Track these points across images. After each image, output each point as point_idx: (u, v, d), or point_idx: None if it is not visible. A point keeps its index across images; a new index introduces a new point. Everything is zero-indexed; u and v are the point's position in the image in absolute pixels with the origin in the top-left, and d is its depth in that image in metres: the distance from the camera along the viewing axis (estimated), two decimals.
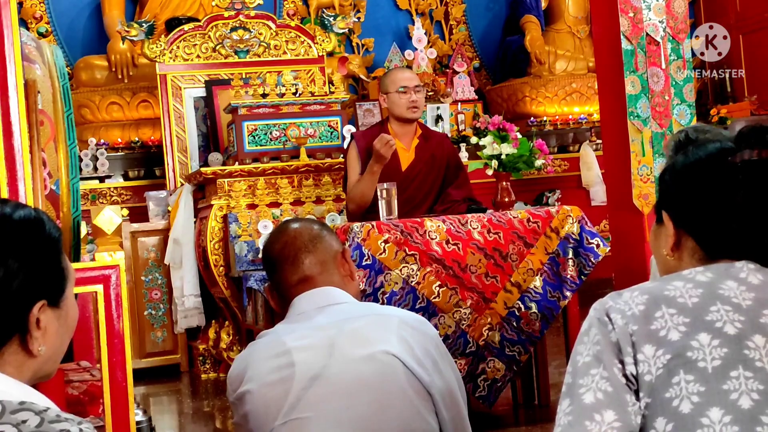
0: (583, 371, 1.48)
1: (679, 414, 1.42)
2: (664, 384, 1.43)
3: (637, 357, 1.45)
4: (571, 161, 8.46)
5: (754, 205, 1.52)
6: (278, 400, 2.13)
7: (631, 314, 1.48)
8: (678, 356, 1.44)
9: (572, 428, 1.45)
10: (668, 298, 1.49)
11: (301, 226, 2.40)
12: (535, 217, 4.31)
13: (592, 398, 1.45)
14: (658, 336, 1.46)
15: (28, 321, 1.35)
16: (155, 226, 6.69)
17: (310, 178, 5.87)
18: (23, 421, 1.24)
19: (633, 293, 1.52)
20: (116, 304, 2.13)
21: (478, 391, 4.19)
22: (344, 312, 2.26)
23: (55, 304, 1.40)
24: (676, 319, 1.47)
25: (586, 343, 1.50)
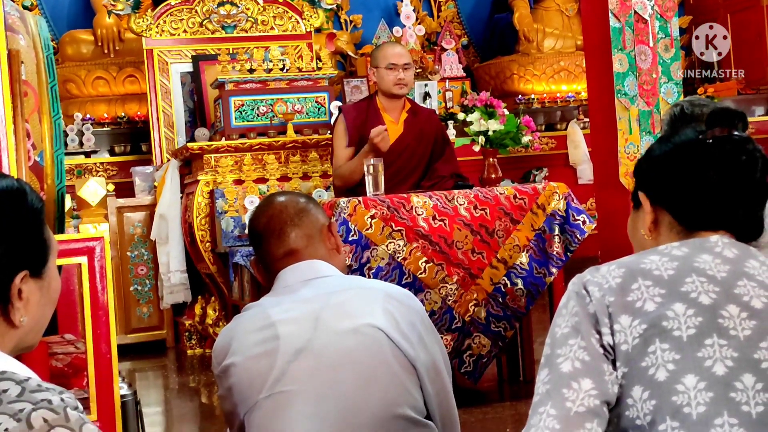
0: (561, 342, 1.52)
1: (655, 382, 1.45)
2: (640, 353, 1.47)
3: (613, 327, 1.49)
4: (559, 139, 8.46)
5: (726, 179, 1.58)
6: (263, 373, 2.12)
7: (608, 287, 1.52)
8: (654, 326, 1.47)
9: (550, 397, 1.47)
10: (644, 271, 1.53)
11: (287, 199, 2.39)
12: (522, 194, 4.31)
13: (569, 367, 1.48)
14: (634, 307, 1.49)
15: (10, 291, 1.34)
16: (141, 201, 6.68)
17: (297, 154, 5.85)
18: (4, 390, 1.23)
19: (610, 267, 1.55)
20: (100, 276, 2.12)
21: (463, 367, 4.20)
22: (330, 285, 2.25)
23: (37, 275, 1.39)
24: (652, 290, 1.50)
25: (564, 316, 1.54)
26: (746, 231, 1.61)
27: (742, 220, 1.60)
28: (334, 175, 4.83)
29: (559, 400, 1.46)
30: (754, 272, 1.53)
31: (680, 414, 1.43)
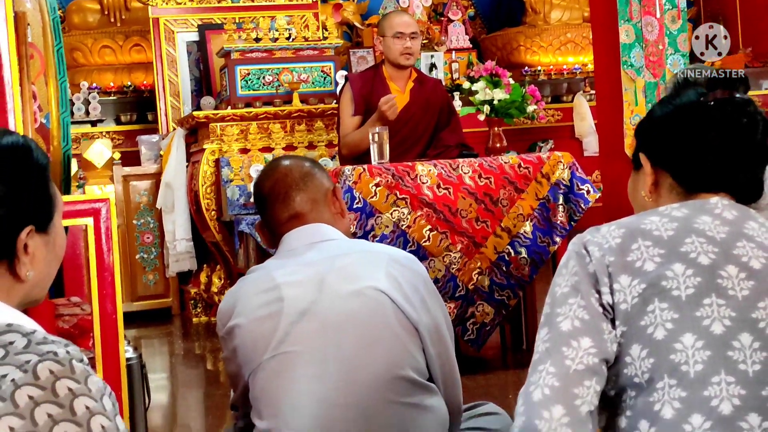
0: (561, 301, 1.53)
1: (653, 340, 1.47)
2: (639, 312, 1.48)
3: (613, 287, 1.50)
4: (565, 111, 8.44)
5: (727, 141, 1.59)
6: (267, 335, 2.15)
7: (608, 247, 1.53)
8: (653, 285, 1.48)
9: (550, 355, 1.49)
10: (644, 231, 1.54)
11: (292, 163, 2.41)
12: (527, 163, 4.32)
13: (569, 326, 1.49)
14: (634, 267, 1.50)
15: (16, 246, 1.36)
16: (147, 170, 6.69)
17: (302, 123, 5.86)
18: (10, 342, 1.25)
19: (610, 227, 1.56)
20: (106, 238, 2.14)
21: (467, 335, 4.23)
22: (334, 248, 2.27)
23: (43, 230, 1.40)
24: (652, 250, 1.51)
25: (564, 275, 1.55)
26: (746, 193, 1.63)
27: (742, 182, 1.62)
28: (340, 144, 4.84)
29: (558, 358, 1.47)
30: (753, 234, 1.54)
31: (678, 372, 1.45)
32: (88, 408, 1.25)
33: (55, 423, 1.22)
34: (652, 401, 1.46)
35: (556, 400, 1.45)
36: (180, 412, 4.34)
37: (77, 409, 1.24)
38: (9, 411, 1.20)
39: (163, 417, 4.12)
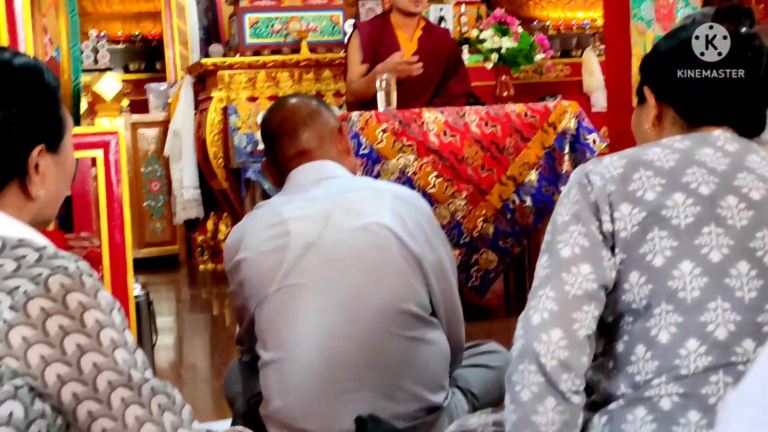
0: (561, 228, 1.55)
1: (651, 267, 1.49)
2: (638, 240, 1.50)
3: (614, 215, 1.52)
4: (574, 66, 8.41)
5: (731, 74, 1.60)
6: (273, 268, 2.18)
7: (610, 176, 1.54)
8: (653, 214, 1.50)
9: (549, 280, 1.51)
10: (646, 162, 1.55)
11: (299, 101, 2.43)
12: (533, 112, 4.32)
13: (569, 252, 1.52)
14: (635, 196, 1.52)
15: (27, 164, 1.39)
16: (155, 118, 6.71)
17: (310, 72, 5.86)
18: (22, 256, 1.28)
19: (612, 158, 1.58)
20: (115, 170, 2.17)
21: (470, 282, 4.26)
22: (340, 185, 2.30)
23: (53, 150, 1.43)
24: (653, 180, 1.53)
25: (566, 204, 1.57)
26: (749, 127, 1.64)
27: (745, 116, 1.63)
28: (347, 90, 4.84)
29: (558, 283, 1.50)
30: (754, 166, 1.56)
31: (675, 298, 1.47)
32: (98, 321, 1.28)
33: (66, 334, 1.26)
34: (649, 326, 1.49)
35: (555, 323, 1.49)
36: (186, 353, 4.40)
37: (87, 322, 1.27)
38: (21, 321, 1.24)
39: (169, 357, 4.17)
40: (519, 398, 1.50)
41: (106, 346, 1.29)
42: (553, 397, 1.48)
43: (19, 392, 1.25)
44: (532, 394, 1.49)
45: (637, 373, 1.50)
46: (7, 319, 1.23)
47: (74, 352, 1.26)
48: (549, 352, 1.48)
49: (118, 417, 1.30)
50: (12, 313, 1.24)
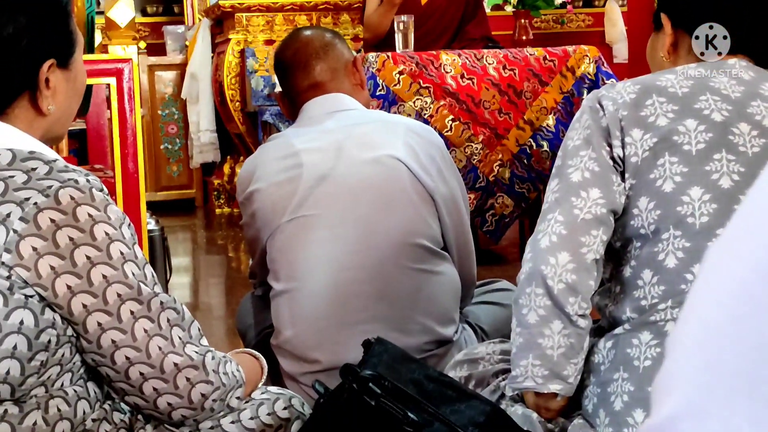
0: (572, 153, 1.55)
1: (661, 193, 1.49)
2: (649, 166, 1.50)
3: (624, 140, 1.52)
4: (596, 17, 8.32)
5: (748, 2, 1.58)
6: (286, 198, 2.18)
7: (622, 101, 1.53)
8: (664, 140, 1.50)
9: (559, 204, 1.52)
10: (659, 88, 1.54)
11: (313, 33, 2.41)
12: (552, 56, 4.28)
13: (579, 177, 1.52)
14: (647, 122, 1.51)
15: (38, 79, 1.38)
16: (172, 60, 6.69)
17: (328, 16, 5.82)
18: (33, 168, 1.29)
19: (626, 84, 1.57)
20: (129, 98, 2.16)
21: (485, 226, 4.25)
22: (353, 118, 2.29)
23: (64, 66, 1.42)
24: (666, 106, 1.52)
25: (577, 129, 1.57)
26: (765, 56, 1.62)
27: (762, 45, 1.61)
28: (363, 28, 4.80)
29: (567, 207, 1.51)
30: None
31: (684, 224, 1.47)
32: (108, 234, 1.29)
33: (75, 246, 1.27)
34: (656, 251, 1.49)
35: (563, 247, 1.49)
36: (201, 292, 4.43)
37: (97, 235, 1.28)
38: (32, 232, 1.25)
39: (184, 296, 4.20)
40: (525, 321, 1.50)
41: (115, 259, 1.30)
42: (560, 320, 1.48)
43: (29, 301, 1.26)
44: (538, 316, 1.49)
45: (643, 298, 1.50)
46: (18, 230, 1.24)
47: (84, 263, 1.27)
48: (556, 275, 1.48)
49: (127, 330, 1.31)
50: (22, 224, 1.25)
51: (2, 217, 1.25)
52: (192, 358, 1.36)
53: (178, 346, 1.35)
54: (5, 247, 1.24)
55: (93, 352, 1.32)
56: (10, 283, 1.24)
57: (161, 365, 1.33)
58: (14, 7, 1.36)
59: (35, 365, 1.27)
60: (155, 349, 1.33)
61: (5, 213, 1.25)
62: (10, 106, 1.38)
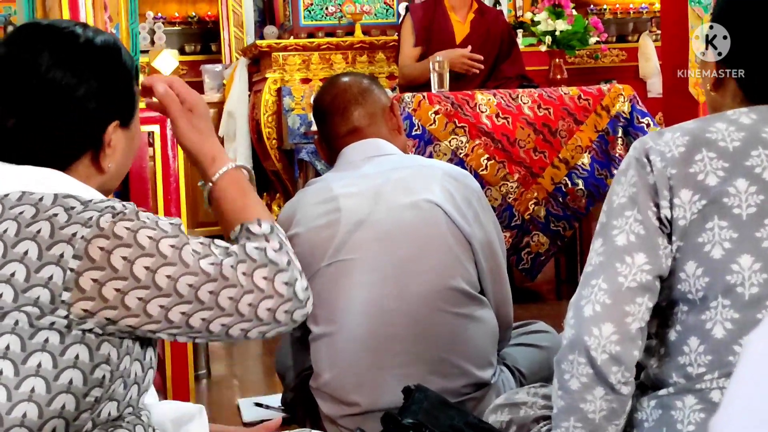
0: (617, 212, 1.49)
1: (710, 259, 1.42)
2: (697, 228, 1.43)
3: (673, 201, 1.44)
4: (630, 52, 8.34)
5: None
6: (324, 243, 2.21)
7: (671, 156, 1.45)
8: (714, 202, 1.42)
9: (603, 270, 1.46)
10: (709, 141, 1.45)
11: (351, 79, 2.45)
12: (587, 95, 4.30)
13: (624, 240, 1.46)
14: (696, 180, 1.43)
15: (103, 139, 1.43)
16: (210, 98, 6.77)
17: (364, 54, 5.88)
18: (72, 207, 1.34)
19: (674, 134, 1.47)
20: (172, 144, 2.21)
21: (521, 264, 4.27)
22: (391, 162, 2.32)
23: (126, 125, 1.48)
24: (716, 163, 1.43)
25: (623, 184, 1.49)
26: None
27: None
28: (399, 73, 4.85)
29: (611, 273, 1.45)
30: None
31: (733, 293, 1.41)
32: (151, 237, 1.34)
33: (132, 263, 1.31)
34: (704, 319, 1.44)
35: (607, 317, 1.44)
36: None
37: (143, 242, 1.33)
38: (88, 266, 1.30)
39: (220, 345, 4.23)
40: (567, 386, 1.48)
41: (170, 256, 1.33)
42: (602, 388, 1.45)
43: (86, 336, 1.30)
44: (580, 384, 1.46)
45: (689, 365, 1.45)
46: (74, 268, 1.29)
47: (146, 275, 1.32)
48: (600, 347, 1.44)
49: (213, 307, 1.36)
50: (77, 261, 1.29)
51: (56, 258, 1.29)
52: (280, 292, 1.40)
53: (267, 287, 1.39)
54: (64, 287, 1.28)
55: (182, 335, 1.38)
56: (68, 321, 1.29)
57: (257, 314, 1.38)
58: (87, 70, 1.41)
59: (90, 401, 1.31)
60: (245, 307, 1.37)
61: (59, 254, 1.29)
62: (74, 163, 1.43)
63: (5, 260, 1.30)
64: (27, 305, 1.28)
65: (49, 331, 1.28)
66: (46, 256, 1.29)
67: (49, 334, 1.28)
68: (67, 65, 1.39)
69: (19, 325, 1.28)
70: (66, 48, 1.40)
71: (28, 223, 1.31)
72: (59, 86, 1.38)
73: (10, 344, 1.28)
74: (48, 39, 1.41)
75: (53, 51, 1.39)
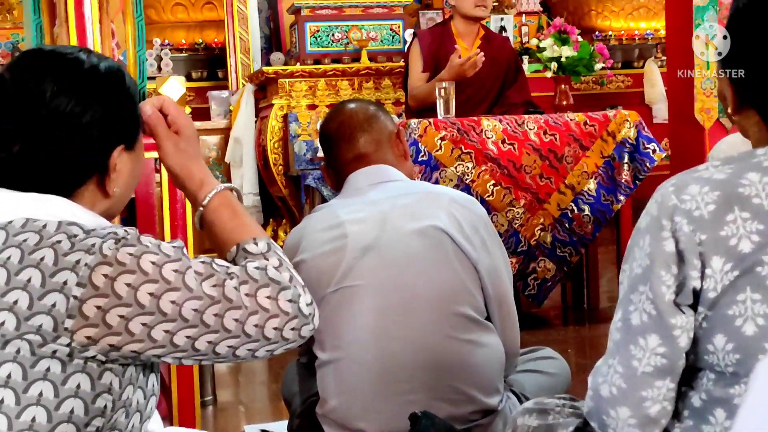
0: (634, 285, 1.40)
1: (741, 335, 1.32)
2: (727, 300, 1.32)
3: (705, 272, 1.32)
4: (635, 77, 8.37)
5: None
6: (331, 269, 2.21)
7: (699, 216, 1.32)
8: (747, 272, 1.31)
9: (618, 350, 1.40)
10: (742, 198, 1.31)
11: (357, 106, 2.46)
12: (592, 121, 4.31)
13: (638, 320, 1.38)
14: (728, 245, 1.31)
15: (108, 164, 1.43)
16: (217, 125, 6.80)
17: (370, 80, 5.90)
18: (74, 234, 1.34)
19: (702, 188, 1.33)
20: None
21: (528, 290, 4.26)
22: (397, 189, 2.32)
23: (130, 148, 1.48)
24: (750, 225, 1.30)
25: (643, 248, 1.38)
26: None
27: None
28: (409, 96, 4.85)
29: (626, 356, 1.39)
30: None
31: None
32: (154, 263, 1.34)
33: (135, 289, 1.31)
34: (732, 393, 1.35)
35: (623, 401, 1.39)
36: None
37: (146, 268, 1.33)
38: (91, 294, 1.30)
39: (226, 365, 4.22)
40: None
41: (174, 281, 1.33)
42: None
43: (87, 365, 1.30)
44: None
45: None
46: (78, 296, 1.29)
47: (150, 301, 1.32)
48: (618, 428, 1.40)
49: (219, 329, 1.36)
50: (80, 289, 1.29)
51: (60, 286, 1.29)
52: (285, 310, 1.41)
53: (271, 307, 1.39)
54: (68, 314, 1.28)
55: (187, 358, 1.38)
56: (71, 350, 1.29)
57: (264, 334, 1.38)
58: (92, 97, 1.41)
59: (91, 430, 1.30)
60: (251, 328, 1.37)
61: (62, 281, 1.29)
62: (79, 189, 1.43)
63: (8, 287, 1.30)
64: (29, 333, 1.28)
65: (51, 359, 1.28)
66: (49, 284, 1.29)
67: (51, 362, 1.28)
68: (72, 92, 1.40)
69: (21, 353, 1.28)
70: (70, 74, 1.41)
71: (31, 250, 1.31)
72: (64, 113, 1.39)
73: (12, 373, 1.27)
74: (52, 65, 1.41)
75: (58, 77, 1.40)
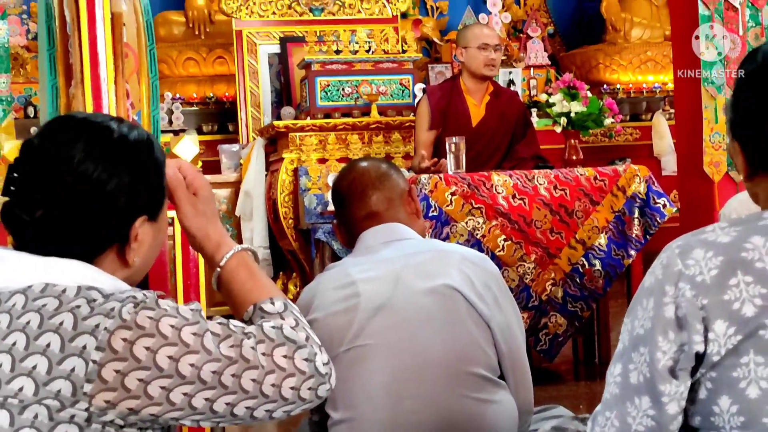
0: (635, 344, 1.40)
1: (745, 397, 1.32)
2: (731, 362, 1.32)
3: (708, 336, 1.33)
4: (643, 130, 8.41)
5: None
6: (343, 329, 2.21)
7: (702, 281, 1.33)
8: (750, 335, 1.31)
9: (616, 405, 1.41)
10: (745, 262, 1.32)
11: (369, 164, 2.47)
12: (602, 175, 4.32)
13: (635, 379, 1.38)
14: (731, 309, 1.31)
15: (130, 233, 1.44)
16: (227, 178, 6.83)
17: (380, 134, 5.94)
18: (93, 299, 1.34)
19: (707, 252, 1.34)
20: None
21: (539, 345, 4.24)
22: (409, 247, 2.32)
23: (153, 219, 1.48)
24: (753, 289, 1.31)
25: (645, 308, 1.39)
26: None
27: None
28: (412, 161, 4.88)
29: (622, 412, 1.39)
30: None
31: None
32: (173, 326, 1.34)
33: (154, 353, 1.31)
34: None
35: None
36: None
37: (165, 331, 1.33)
38: (110, 358, 1.30)
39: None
40: None
41: (192, 345, 1.34)
42: None
43: (105, 430, 1.29)
44: None
45: None
46: (97, 360, 1.29)
47: (169, 364, 1.32)
48: None
49: (237, 390, 1.36)
50: (99, 353, 1.29)
51: (79, 350, 1.29)
52: (302, 369, 1.42)
53: (288, 366, 1.40)
54: (86, 378, 1.28)
55: (205, 420, 1.37)
56: (89, 414, 1.28)
57: (281, 394, 1.39)
58: (119, 165, 1.42)
59: None
60: (269, 388, 1.38)
61: (81, 345, 1.29)
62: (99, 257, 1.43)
63: (27, 353, 1.30)
64: (48, 398, 1.28)
65: (69, 424, 1.28)
66: (68, 348, 1.29)
67: (69, 427, 1.28)
68: (100, 159, 1.40)
69: (39, 419, 1.27)
70: (100, 142, 1.42)
71: (50, 315, 1.32)
72: (90, 180, 1.39)
73: None
74: (82, 132, 1.42)
75: (87, 144, 1.40)
